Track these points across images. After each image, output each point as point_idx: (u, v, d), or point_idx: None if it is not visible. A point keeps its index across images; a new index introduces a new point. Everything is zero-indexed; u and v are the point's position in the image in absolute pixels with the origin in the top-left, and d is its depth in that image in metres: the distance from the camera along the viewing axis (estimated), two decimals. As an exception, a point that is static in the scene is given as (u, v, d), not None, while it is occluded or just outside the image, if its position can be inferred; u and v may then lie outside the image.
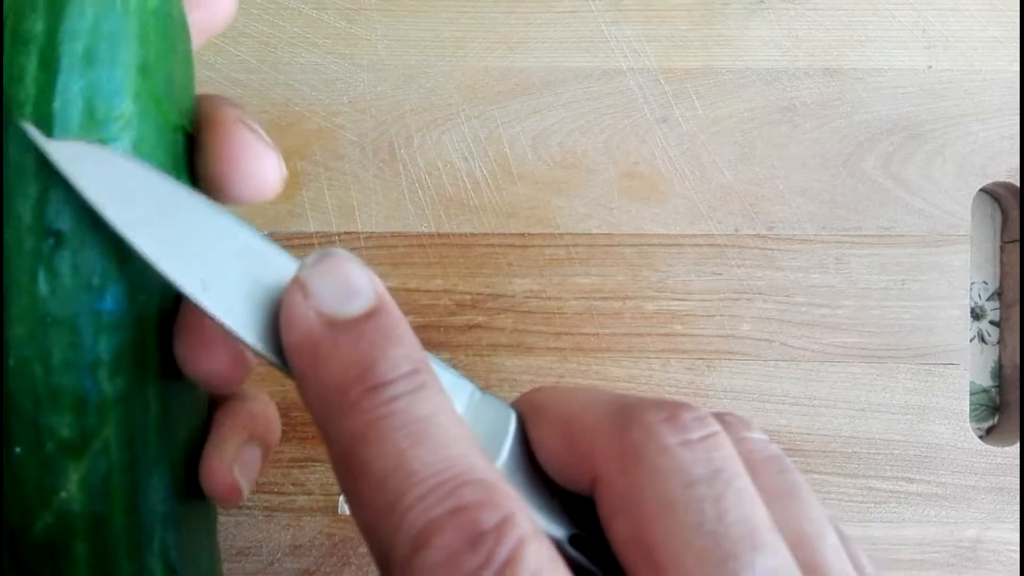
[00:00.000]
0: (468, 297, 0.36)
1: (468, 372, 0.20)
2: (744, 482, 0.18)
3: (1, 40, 0.17)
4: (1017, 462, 0.37)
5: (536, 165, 0.37)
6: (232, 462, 0.21)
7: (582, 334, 0.37)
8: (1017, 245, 0.38)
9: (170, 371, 0.20)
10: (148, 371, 0.19)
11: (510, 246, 0.37)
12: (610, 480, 0.18)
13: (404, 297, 0.36)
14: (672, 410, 0.19)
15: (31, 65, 0.17)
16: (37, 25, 0.17)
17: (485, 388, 0.20)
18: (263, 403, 0.23)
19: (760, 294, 0.37)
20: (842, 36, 0.37)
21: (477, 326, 0.36)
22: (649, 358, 0.37)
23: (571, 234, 0.37)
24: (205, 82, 0.36)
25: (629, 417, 0.18)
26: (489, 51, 0.37)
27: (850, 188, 0.37)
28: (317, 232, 0.36)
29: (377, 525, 0.16)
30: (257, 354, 0.18)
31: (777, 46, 0.37)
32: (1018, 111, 0.37)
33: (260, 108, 0.36)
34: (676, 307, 0.37)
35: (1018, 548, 0.36)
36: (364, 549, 0.36)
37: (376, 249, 0.36)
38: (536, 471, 0.20)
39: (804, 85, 0.37)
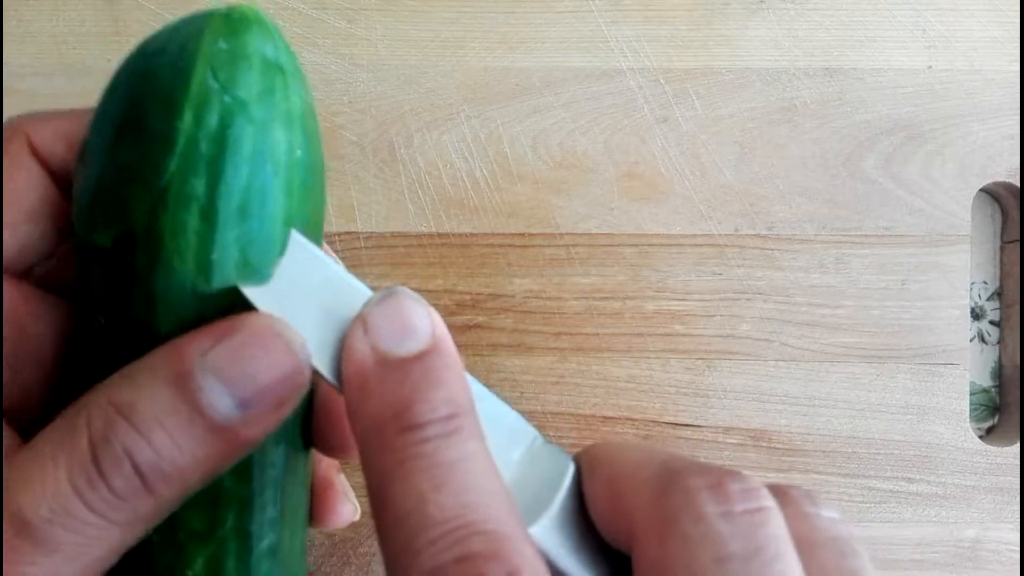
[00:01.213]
0: (468, 297, 0.36)
1: (468, 372, 0.20)
2: (786, 564, 0.17)
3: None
4: (1017, 462, 0.37)
5: (536, 165, 0.37)
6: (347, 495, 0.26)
7: (582, 334, 0.37)
8: (1017, 245, 0.38)
9: (289, 475, 0.22)
10: (268, 477, 0.21)
11: (510, 246, 0.37)
12: (646, 543, 0.17)
13: (404, 297, 0.36)
14: (719, 477, 0.18)
15: (192, 220, 0.19)
16: (199, 186, 0.19)
17: (550, 438, 0.21)
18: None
19: (760, 294, 0.37)
20: (842, 36, 0.37)
21: (477, 326, 0.36)
22: (649, 358, 0.37)
23: (571, 234, 0.37)
24: (205, 82, 0.36)
25: (672, 480, 0.18)
26: (489, 51, 0.37)
27: (850, 188, 0.37)
28: (317, 232, 0.36)
29: (394, 560, 0.17)
30: (327, 383, 0.20)
31: (777, 46, 0.37)
32: (1018, 111, 0.37)
33: (260, 108, 0.36)
34: (676, 307, 0.37)
35: (1018, 548, 0.36)
36: (364, 549, 0.36)
37: (376, 249, 0.36)
38: (588, 524, 0.20)
39: (804, 85, 0.37)
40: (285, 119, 0.20)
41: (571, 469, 0.20)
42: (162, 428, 0.17)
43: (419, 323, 0.19)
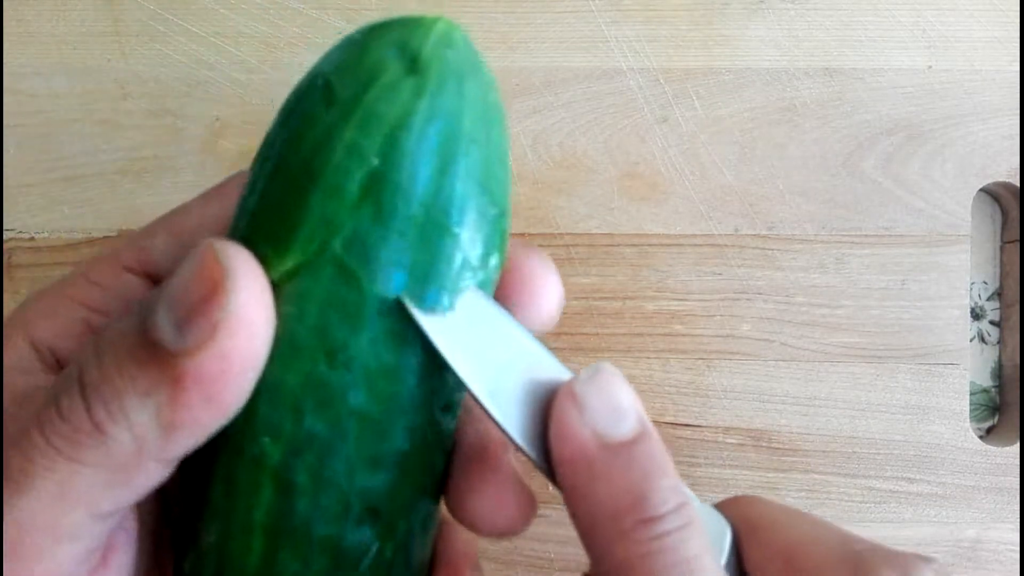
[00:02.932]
0: (468, 297, 0.36)
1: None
2: None
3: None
4: (1017, 462, 0.37)
5: (536, 165, 0.37)
6: None
7: (582, 334, 0.37)
8: (1017, 245, 0.38)
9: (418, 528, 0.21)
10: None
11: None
12: None
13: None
14: (904, 566, 0.19)
15: None
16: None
17: (699, 499, 0.21)
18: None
19: (760, 294, 0.37)
20: (842, 36, 0.37)
21: (477, 326, 0.36)
22: (649, 358, 0.37)
23: (571, 234, 0.37)
24: (205, 82, 0.36)
25: (864, 568, 0.19)
26: (489, 51, 0.37)
27: (850, 188, 0.37)
28: (317, 232, 0.36)
29: None
30: (525, 455, 0.19)
31: (777, 46, 0.37)
32: (1018, 111, 0.37)
33: (260, 108, 0.36)
34: (676, 307, 0.37)
35: (1018, 548, 0.36)
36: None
37: (376, 249, 0.36)
38: None
39: (804, 85, 0.37)
40: None
41: (729, 533, 0.21)
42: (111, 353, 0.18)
43: (628, 403, 0.19)
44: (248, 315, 0.17)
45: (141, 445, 0.17)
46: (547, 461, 0.19)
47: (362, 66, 0.18)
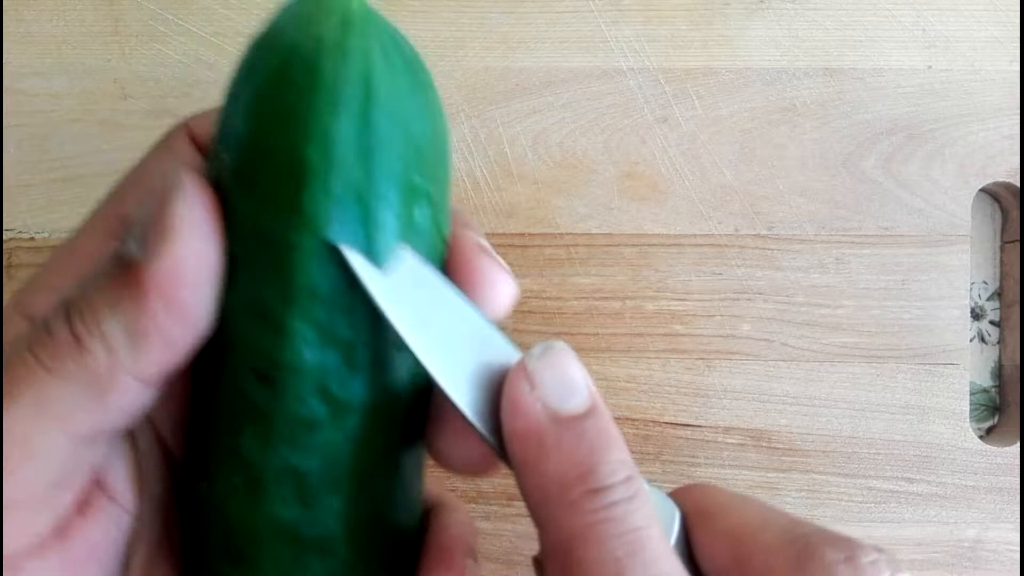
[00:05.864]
0: (468, 297, 0.36)
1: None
2: None
3: None
4: (1017, 462, 0.37)
5: (536, 165, 0.37)
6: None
7: (582, 334, 0.37)
8: (1017, 245, 0.38)
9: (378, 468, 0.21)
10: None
11: (510, 246, 0.37)
12: None
13: (404, 297, 0.36)
14: (851, 550, 0.19)
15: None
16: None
17: (651, 481, 0.21)
18: (464, 511, 0.25)
19: (760, 294, 0.37)
20: (842, 36, 0.37)
21: (477, 326, 0.36)
22: (649, 358, 0.37)
23: (571, 234, 0.37)
24: (205, 82, 0.36)
25: (809, 550, 0.19)
26: (489, 51, 0.37)
27: (850, 188, 0.37)
28: (317, 232, 0.36)
29: None
30: (476, 432, 0.19)
31: (777, 46, 0.37)
32: (1018, 111, 0.37)
33: (260, 108, 0.36)
34: (676, 307, 0.37)
35: (1018, 548, 0.36)
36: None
37: (376, 249, 0.36)
38: (693, 570, 0.21)
39: (804, 85, 0.37)
40: None
41: (678, 516, 0.21)
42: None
43: (579, 379, 0.20)
44: (192, 219, 0.18)
45: (114, 356, 0.18)
46: (498, 437, 0.20)
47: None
